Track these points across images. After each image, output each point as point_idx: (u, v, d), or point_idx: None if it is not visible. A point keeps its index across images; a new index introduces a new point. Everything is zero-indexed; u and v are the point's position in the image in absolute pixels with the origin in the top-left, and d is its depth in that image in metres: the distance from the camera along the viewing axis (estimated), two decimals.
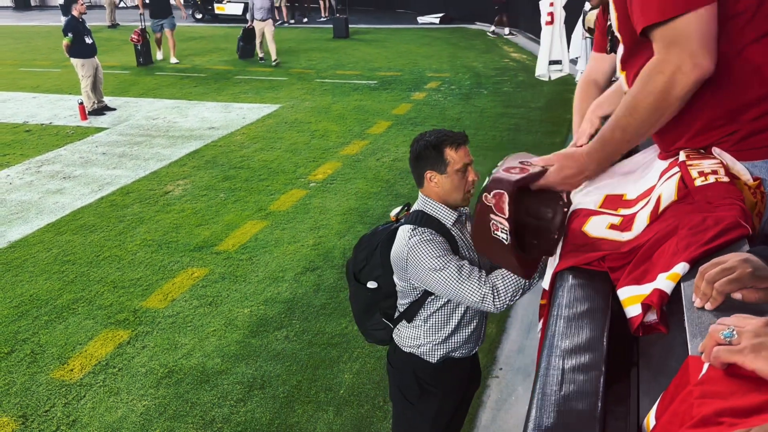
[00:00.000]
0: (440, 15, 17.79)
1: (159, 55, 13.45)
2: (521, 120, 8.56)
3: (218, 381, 3.73)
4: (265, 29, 12.62)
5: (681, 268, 0.96)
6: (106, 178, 6.99)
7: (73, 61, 9.32)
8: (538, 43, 9.97)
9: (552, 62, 7.35)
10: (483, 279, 2.05)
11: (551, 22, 9.86)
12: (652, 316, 0.99)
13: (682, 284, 0.95)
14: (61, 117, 9.53)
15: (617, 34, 1.35)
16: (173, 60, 13.10)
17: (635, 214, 1.26)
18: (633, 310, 1.01)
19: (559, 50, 7.32)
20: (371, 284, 2.35)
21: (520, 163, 1.43)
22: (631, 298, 1.02)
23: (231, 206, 6.15)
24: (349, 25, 16.05)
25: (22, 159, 7.70)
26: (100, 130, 8.79)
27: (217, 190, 6.55)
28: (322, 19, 18.75)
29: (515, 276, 2.02)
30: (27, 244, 5.51)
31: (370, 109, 9.39)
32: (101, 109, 9.58)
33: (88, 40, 9.24)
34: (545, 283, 1.41)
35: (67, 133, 8.74)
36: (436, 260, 2.08)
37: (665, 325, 0.98)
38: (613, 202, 1.38)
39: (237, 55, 13.50)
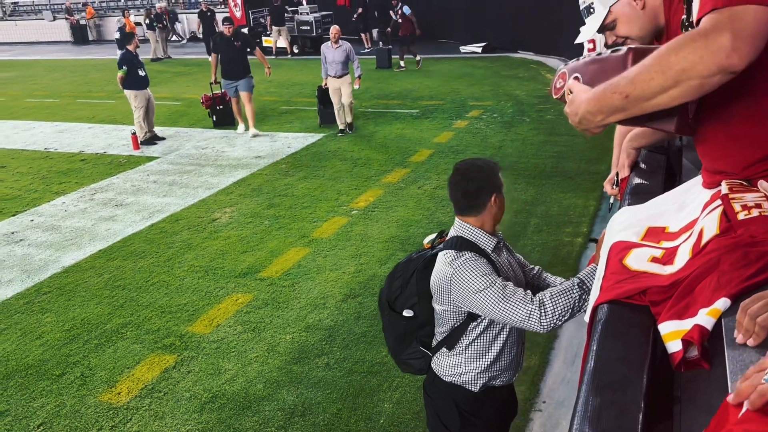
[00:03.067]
0: (482, 44, 17.87)
1: (240, 128, 10.33)
2: (564, 148, 8.49)
3: (260, 407, 3.77)
4: (342, 89, 9.46)
5: (722, 303, 0.95)
6: (156, 205, 7.22)
7: (127, 92, 9.74)
8: None
9: None
10: (529, 297, 2.03)
11: (593, 49, 9.90)
12: (693, 352, 0.98)
13: (722, 320, 0.93)
14: (115, 146, 9.92)
15: None
16: (252, 132, 10.03)
17: (677, 247, 1.25)
18: (674, 346, 1.00)
19: None
20: (407, 312, 2.34)
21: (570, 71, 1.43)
22: (672, 333, 1.01)
23: (275, 233, 6.26)
24: (392, 56, 16.28)
25: (77, 187, 8.03)
26: (151, 159, 9.11)
27: (262, 218, 6.69)
28: (365, 51, 19.08)
29: (565, 296, 2.00)
30: (80, 270, 5.71)
31: (412, 138, 9.47)
32: (152, 139, 9.94)
33: (141, 73, 9.66)
34: (586, 316, 1.40)
35: (120, 162, 9.09)
36: (481, 279, 2.08)
37: (708, 361, 0.96)
38: (656, 234, 1.36)
39: (318, 121, 10.51)
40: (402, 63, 15.57)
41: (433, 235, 2.43)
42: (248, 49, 10.00)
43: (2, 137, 11.03)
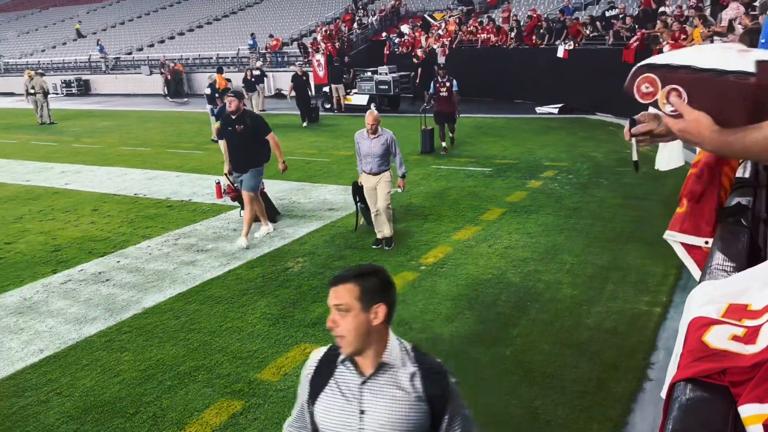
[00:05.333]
0: (559, 105, 17.85)
1: (263, 230, 8.07)
2: (643, 212, 8.25)
3: None
4: (378, 189, 7.32)
5: None
6: (234, 252, 7.50)
7: (221, 143, 10.33)
8: None
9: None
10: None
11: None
12: None
13: None
14: (200, 195, 10.44)
15: None
16: (264, 230, 8.07)
17: (760, 326, 1.21)
18: (755, 430, 0.96)
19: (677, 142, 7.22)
20: None
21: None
22: (753, 417, 0.97)
23: None
24: (467, 115, 16.50)
25: (162, 232, 8.47)
26: (232, 208, 9.51)
27: (333, 269, 6.80)
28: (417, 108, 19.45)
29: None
30: (159, 311, 5.97)
31: (484, 196, 9.47)
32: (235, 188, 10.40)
33: None
34: (663, 392, 1.36)
35: (204, 209, 9.54)
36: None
37: None
38: (737, 311, 1.32)
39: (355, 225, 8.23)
40: (444, 144, 13.10)
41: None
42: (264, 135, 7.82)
43: (97, 182, 11.84)
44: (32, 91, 21.32)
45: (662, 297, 5.75)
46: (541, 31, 19.97)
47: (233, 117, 7.67)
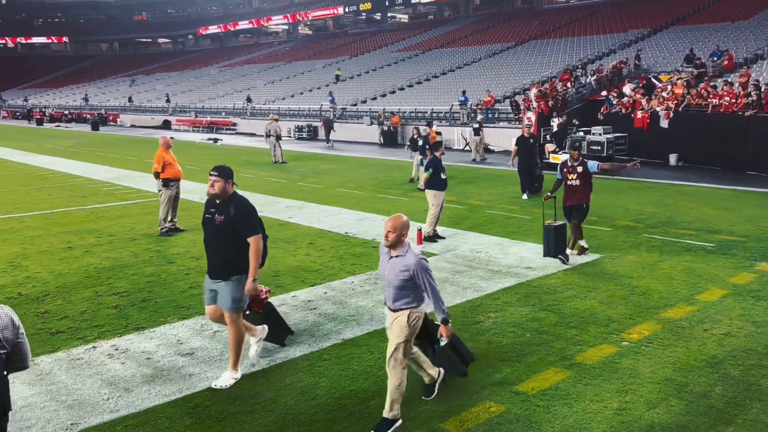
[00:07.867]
0: None
1: (225, 379, 5.53)
2: None
3: None
4: (389, 332, 4.89)
5: None
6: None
7: (428, 192, 10.82)
8: None
9: None
10: None
11: None
12: None
13: None
14: None
15: None
16: (228, 377, 5.55)
17: None
18: None
19: None
20: None
21: None
22: None
23: (536, 348, 6.15)
24: (690, 183, 15.22)
25: (365, 270, 9.00)
26: (430, 255, 9.79)
27: (524, 329, 6.64)
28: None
29: None
30: (356, 345, 6.32)
31: (703, 274, 8.59)
32: (434, 237, 10.73)
33: (443, 176, 10.70)
34: None
35: None
36: None
37: None
38: None
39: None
40: (583, 243, 9.67)
41: None
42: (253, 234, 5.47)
43: (315, 218, 13.00)
44: (270, 133, 24.28)
45: None
46: None
47: (217, 202, 5.48)
